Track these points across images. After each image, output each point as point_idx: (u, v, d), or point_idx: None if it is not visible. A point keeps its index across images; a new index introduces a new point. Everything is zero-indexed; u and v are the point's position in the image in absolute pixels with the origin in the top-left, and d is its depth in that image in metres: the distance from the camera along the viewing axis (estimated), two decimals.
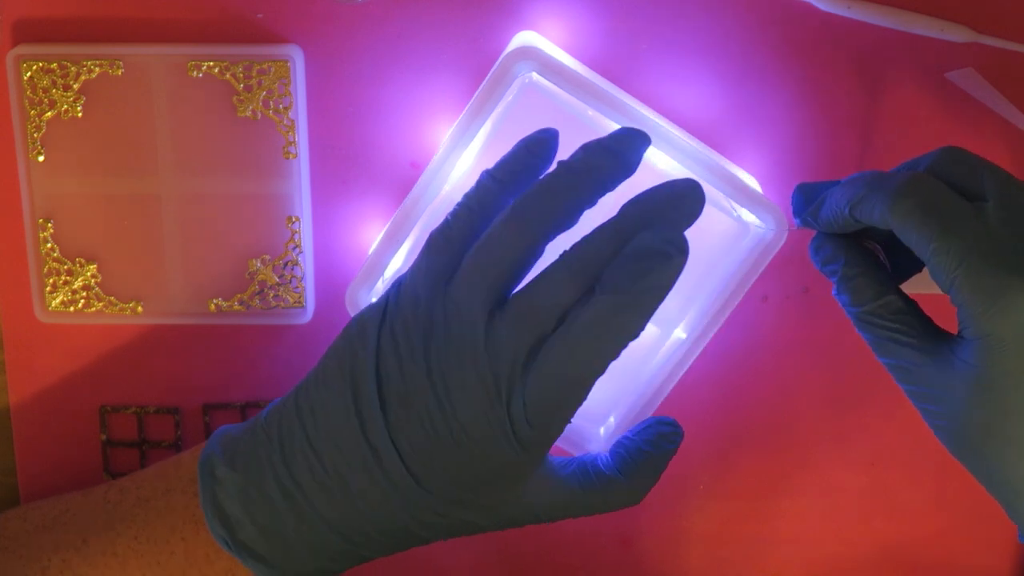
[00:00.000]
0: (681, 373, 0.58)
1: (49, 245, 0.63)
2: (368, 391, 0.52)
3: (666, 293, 0.50)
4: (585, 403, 0.56)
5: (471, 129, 0.55)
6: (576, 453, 0.58)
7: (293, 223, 0.63)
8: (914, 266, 0.54)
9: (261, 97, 0.62)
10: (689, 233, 0.50)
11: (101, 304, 0.64)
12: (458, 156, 0.55)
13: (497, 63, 0.56)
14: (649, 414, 0.58)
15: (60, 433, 0.66)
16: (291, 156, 0.63)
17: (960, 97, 0.62)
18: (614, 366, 0.51)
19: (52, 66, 0.62)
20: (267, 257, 0.63)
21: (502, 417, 0.50)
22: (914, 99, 0.63)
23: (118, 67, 0.62)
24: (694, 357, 0.58)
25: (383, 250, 0.57)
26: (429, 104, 0.63)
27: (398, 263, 0.59)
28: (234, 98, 0.62)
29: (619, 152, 0.51)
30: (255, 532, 0.54)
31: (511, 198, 0.51)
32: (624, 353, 0.50)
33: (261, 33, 0.62)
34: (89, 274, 0.64)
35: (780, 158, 0.63)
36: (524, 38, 0.60)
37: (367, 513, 0.53)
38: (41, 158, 0.62)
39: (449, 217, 0.52)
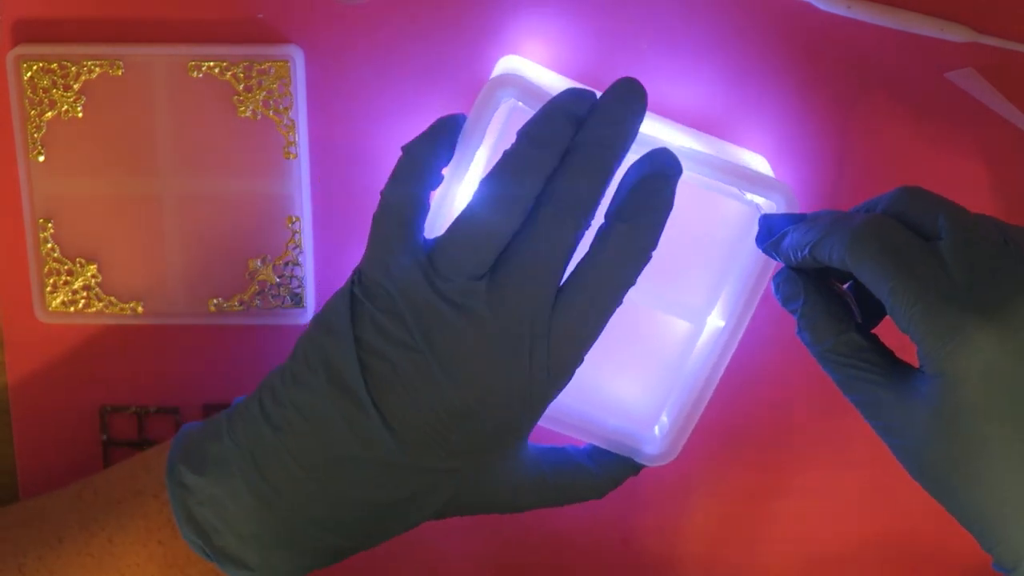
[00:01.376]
0: (727, 361, 0.58)
1: (49, 245, 0.63)
2: (353, 384, 0.52)
3: (671, 208, 0.52)
4: (631, 406, 0.59)
5: (465, 158, 0.55)
6: (632, 457, 0.59)
7: (293, 223, 0.63)
8: (883, 307, 0.55)
9: (261, 97, 0.62)
10: (705, 222, 0.53)
11: (101, 304, 0.64)
12: (458, 186, 0.55)
13: (480, 92, 0.56)
14: (702, 407, 0.59)
15: (60, 433, 0.66)
16: (291, 156, 0.63)
17: (960, 97, 0.62)
18: (655, 367, 0.56)
19: (52, 66, 0.62)
20: (267, 257, 0.64)
21: (522, 375, 0.51)
22: (914, 99, 0.63)
23: (118, 67, 0.62)
24: (736, 342, 0.58)
25: None
26: (429, 103, 0.63)
27: None
28: (234, 98, 0.62)
29: (574, 112, 0.52)
30: (233, 539, 0.54)
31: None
32: (661, 351, 0.53)
33: (261, 33, 0.62)
34: (89, 274, 0.64)
35: (780, 159, 0.63)
36: (507, 64, 0.60)
37: (352, 506, 0.53)
38: (41, 158, 0.63)
39: (382, 200, 0.54)
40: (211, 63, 0.62)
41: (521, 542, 0.68)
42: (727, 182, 0.56)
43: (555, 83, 0.59)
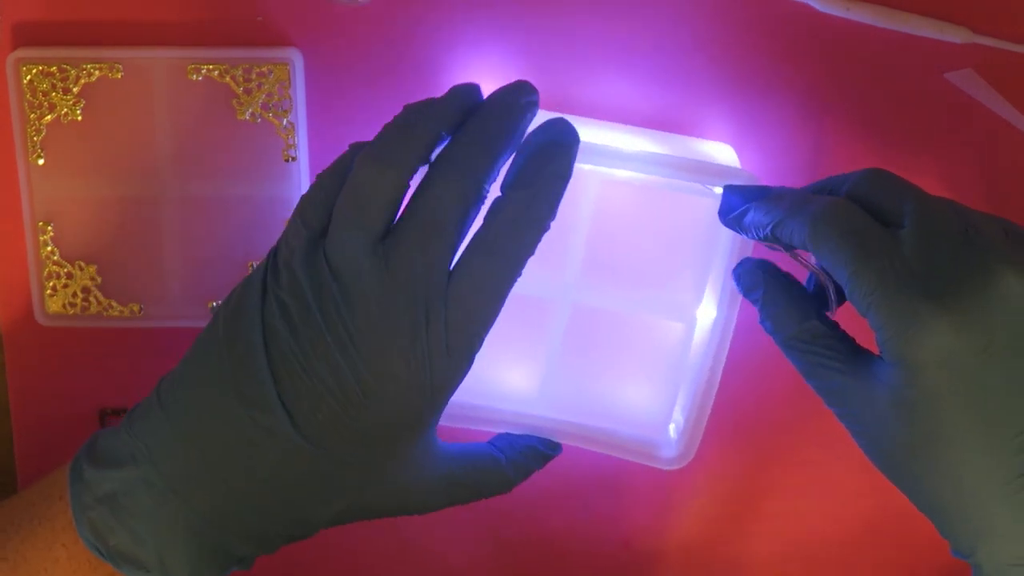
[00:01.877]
0: (726, 349, 0.58)
1: (49, 248, 0.63)
2: (256, 365, 0.50)
3: (568, 179, 0.51)
4: (642, 413, 0.59)
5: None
6: (650, 464, 0.59)
7: None
8: None
9: (261, 100, 0.62)
10: (678, 223, 0.53)
11: (101, 307, 0.64)
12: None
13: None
14: (712, 398, 0.59)
15: (60, 435, 0.66)
16: (291, 159, 0.63)
17: (959, 98, 0.62)
18: (658, 370, 0.56)
19: (52, 69, 0.62)
20: None
21: (419, 351, 0.50)
22: (913, 100, 0.63)
23: (118, 70, 0.62)
24: (732, 329, 0.58)
25: None
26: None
27: None
28: (234, 101, 0.62)
29: (460, 89, 0.52)
30: (128, 537, 0.52)
31: None
32: (661, 354, 0.52)
33: (261, 36, 0.62)
34: (89, 277, 0.64)
35: (779, 160, 0.63)
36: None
37: (249, 498, 0.51)
38: (41, 161, 0.63)
39: (315, 180, 0.52)
40: (210, 66, 0.62)
41: (519, 542, 0.68)
42: (688, 179, 0.56)
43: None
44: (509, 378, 0.61)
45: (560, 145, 0.51)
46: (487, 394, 0.60)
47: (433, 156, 0.51)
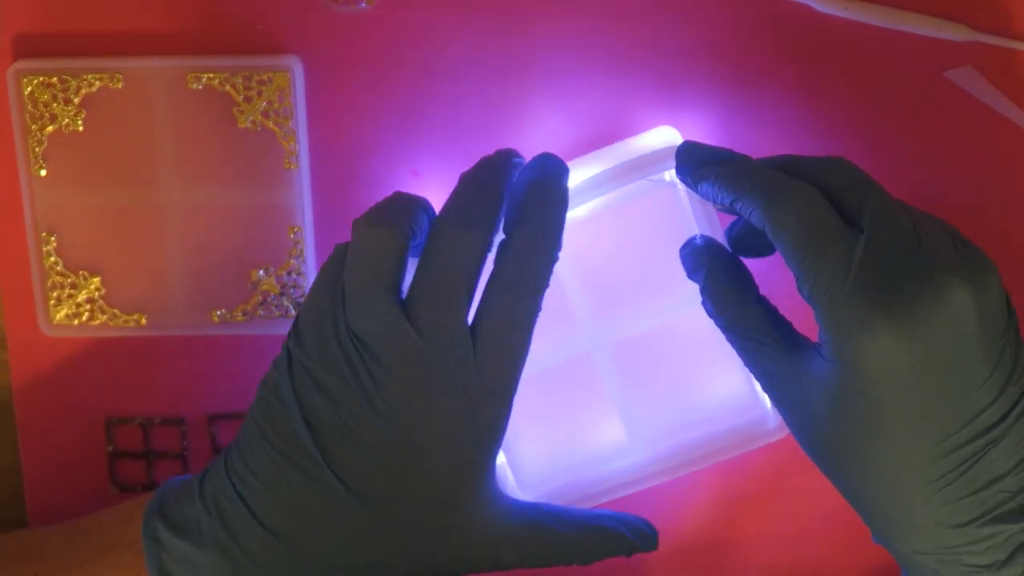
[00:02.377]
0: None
1: (52, 259, 0.63)
2: (300, 439, 0.51)
3: (566, 206, 0.53)
4: (728, 400, 0.59)
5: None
6: (765, 442, 0.59)
7: (295, 233, 0.63)
8: None
9: (261, 108, 0.62)
10: (661, 226, 0.56)
11: (105, 316, 0.64)
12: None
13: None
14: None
15: (66, 446, 0.66)
16: (292, 166, 0.63)
17: (960, 96, 0.62)
18: (722, 357, 0.56)
19: (52, 80, 0.62)
20: (269, 267, 0.64)
21: (458, 397, 0.51)
22: (913, 99, 0.63)
23: (118, 80, 0.62)
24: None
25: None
26: (429, 112, 0.63)
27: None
28: (234, 109, 0.62)
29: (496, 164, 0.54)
30: None
31: None
32: (713, 341, 0.53)
33: (260, 44, 0.62)
34: (92, 287, 0.64)
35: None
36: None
37: (323, 561, 0.52)
38: (43, 172, 0.63)
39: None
40: (210, 74, 0.62)
41: None
42: (631, 181, 0.57)
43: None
44: (595, 440, 0.61)
45: (550, 177, 0.53)
46: (584, 465, 0.61)
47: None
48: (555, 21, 0.62)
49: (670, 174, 0.57)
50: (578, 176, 0.57)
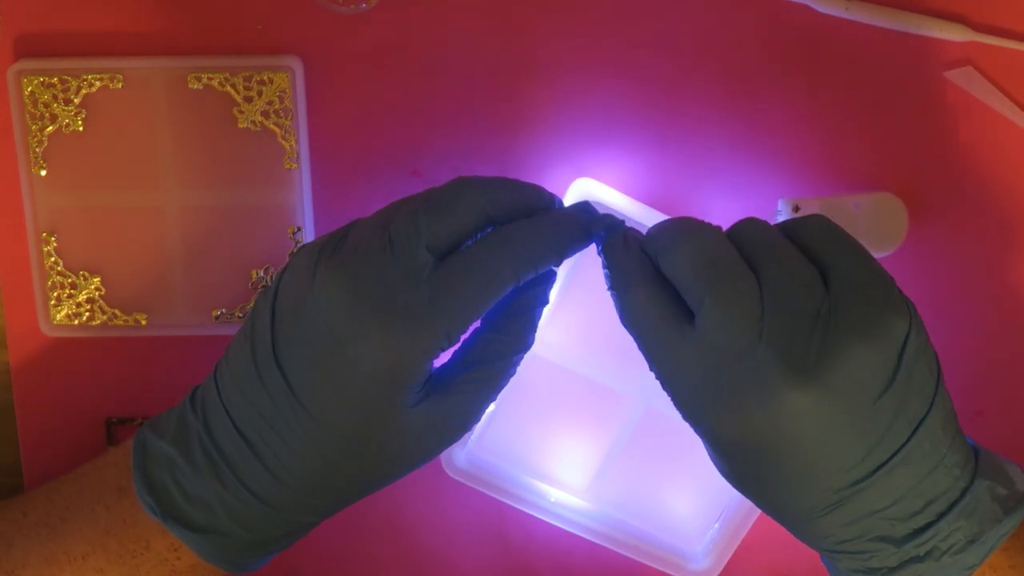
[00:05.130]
0: None
1: (53, 259, 0.63)
2: (262, 326, 0.52)
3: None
4: (680, 521, 0.63)
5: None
6: (676, 574, 0.63)
7: (295, 233, 0.63)
8: None
9: (261, 108, 0.62)
10: None
11: (105, 316, 0.64)
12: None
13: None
14: (748, 526, 0.63)
15: (67, 445, 0.66)
16: (292, 166, 0.63)
17: (959, 96, 0.62)
18: (705, 488, 0.62)
19: (53, 80, 0.62)
20: (270, 267, 0.64)
21: (394, 311, 0.50)
22: (914, 99, 0.63)
23: (118, 80, 0.62)
24: None
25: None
26: (429, 112, 0.63)
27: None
28: (234, 109, 0.62)
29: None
30: (182, 499, 0.54)
31: None
32: (715, 473, 0.54)
33: (260, 44, 0.62)
34: (93, 287, 0.64)
35: (779, 161, 0.63)
36: (582, 187, 0.60)
37: (277, 469, 0.53)
38: (43, 172, 0.63)
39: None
40: (211, 75, 0.62)
41: (525, 547, 0.68)
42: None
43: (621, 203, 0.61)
44: (564, 462, 0.63)
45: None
46: (538, 472, 0.63)
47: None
48: (555, 21, 0.62)
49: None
50: None
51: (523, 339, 0.54)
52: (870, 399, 0.49)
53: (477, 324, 0.53)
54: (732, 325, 0.48)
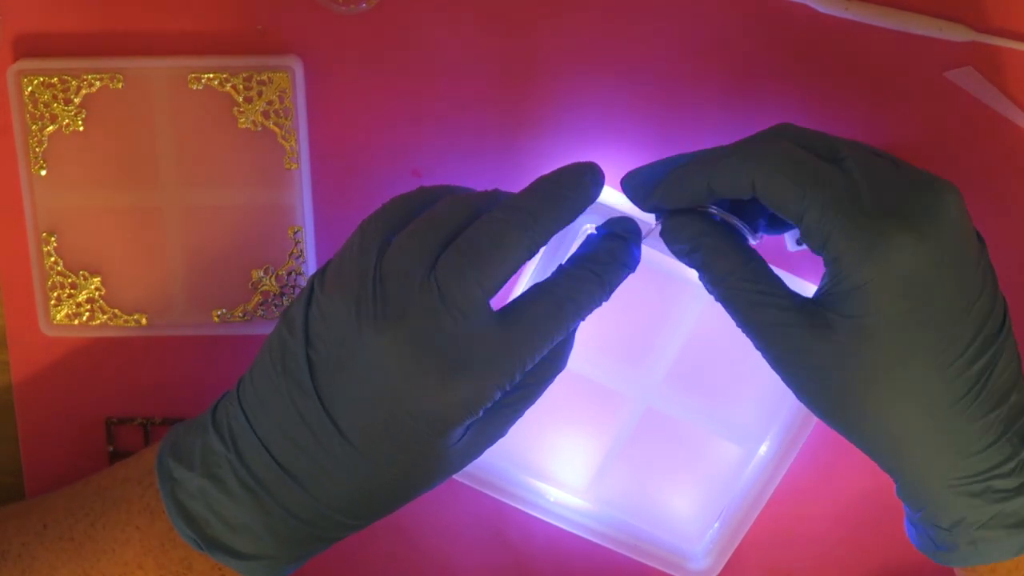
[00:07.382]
0: (775, 484, 0.62)
1: (53, 259, 0.63)
2: (299, 371, 0.52)
3: (629, 268, 0.54)
4: (680, 521, 0.63)
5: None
6: (675, 574, 0.63)
7: (295, 233, 0.63)
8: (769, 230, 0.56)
9: (261, 108, 0.62)
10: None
11: (105, 316, 0.64)
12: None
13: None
14: (749, 524, 0.63)
15: (66, 445, 0.66)
16: (292, 166, 0.63)
17: (960, 96, 0.62)
18: (707, 487, 0.62)
19: (53, 80, 0.62)
20: (270, 267, 0.64)
21: (442, 361, 0.51)
22: (914, 99, 0.63)
23: (118, 80, 0.62)
24: (785, 467, 0.62)
25: None
26: (429, 112, 0.63)
27: None
28: (234, 109, 0.62)
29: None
30: (223, 528, 0.54)
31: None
32: (715, 473, 0.56)
33: (261, 44, 0.62)
34: (93, 287, 0.64)
35: None
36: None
37: (321, 496, 0.53)
38: (43, 172, 0.63)
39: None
40: (211, 75, 0.62)
41: (524, 546, 0.68)
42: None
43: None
44: (564, 462, 0.64)
45: (621, 239, 0.54)
46: (538, 472, 0.64)
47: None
48: (555, 21, 0.62)
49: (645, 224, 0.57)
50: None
51: (563, 361, 0.55)
52: (976, 248, 0.51)
53: None
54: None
